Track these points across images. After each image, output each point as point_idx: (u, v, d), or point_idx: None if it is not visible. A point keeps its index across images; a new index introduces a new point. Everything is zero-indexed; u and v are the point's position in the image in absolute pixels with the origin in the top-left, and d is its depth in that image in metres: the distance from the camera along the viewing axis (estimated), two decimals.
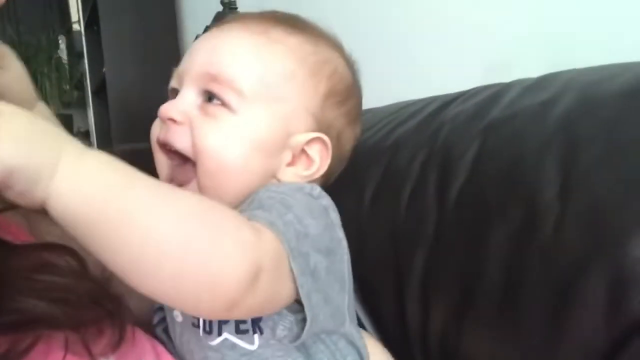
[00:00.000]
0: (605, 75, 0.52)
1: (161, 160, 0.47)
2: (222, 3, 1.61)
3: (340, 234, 0.44)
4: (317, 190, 0.44)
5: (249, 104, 0.44)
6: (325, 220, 0.43)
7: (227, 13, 1.60)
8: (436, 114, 0.66)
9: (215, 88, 0.44)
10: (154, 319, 0.50)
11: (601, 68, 0.54)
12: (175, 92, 0.47)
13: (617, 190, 0.44)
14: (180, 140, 0.44)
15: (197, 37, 0.63)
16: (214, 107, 0.44)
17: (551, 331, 0.46)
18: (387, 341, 0.63)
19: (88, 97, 3.61)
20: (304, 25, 0.50)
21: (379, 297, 0.64)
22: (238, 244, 0.33)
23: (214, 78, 0.44)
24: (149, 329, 0.50)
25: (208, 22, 1.50)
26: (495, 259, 0.50)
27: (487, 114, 0.58)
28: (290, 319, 0.41)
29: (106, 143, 2.98)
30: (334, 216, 0.44)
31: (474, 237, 0.53)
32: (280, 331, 0.41)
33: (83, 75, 3.65)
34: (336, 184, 0.57)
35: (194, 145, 0.44)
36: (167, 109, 0.45)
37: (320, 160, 0.47)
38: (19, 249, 0.44)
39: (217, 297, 0.32)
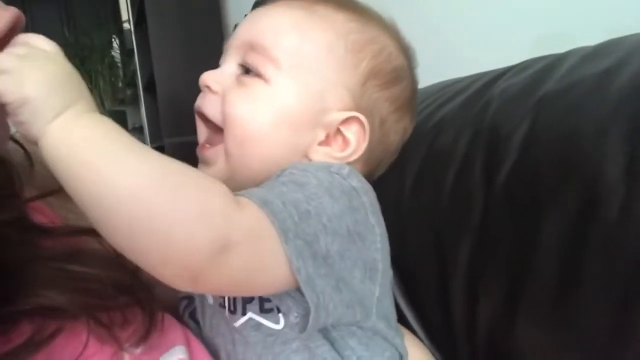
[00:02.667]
0: None
1: (200, 127, 0.48)
2: None
3: (373, 219, 0.41)
4: (346, 169, 0.41)
5: (283, 73, 0.44)
6: (349, 202, 0.39)
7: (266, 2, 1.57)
8: (483, 91, 0.60)
9: (251, 58, 0.45)
10: (180, 307, 0.49)
11: None
12: None
13: None
14: (212, 109, 0.45)
15: None
16: (249, 78, 0.44)
17: (616, 333, 0.40)
18: (431, 337, 0.58)
19: (140, 93, 3.71)
20: (357, 7, 0.48)
21: (422, 289, 0.60)
22: (205, 212, 0.32)
23: (251, 47, 0.45)
24: (178, 316, 0.49)
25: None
26: (549, 249, 0.45)
27: (539, 88, 0.52)
28: (305, 306, 0.37)
29: (157, 137, 3.05)
30: (366, 200, 0.41)
31: (526, 225, 0.48)
32: (294, 318, 0.39)
33: (134, 72, 3.75)
34: None
35: (222, 112, 0.44)
36: (205, 77, 0.46)
37: (356, 142, 0.45)
38: (53, 231, 0.45)
39: (179, 263, 0.31)
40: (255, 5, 1.59)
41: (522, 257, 0.48)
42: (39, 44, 0.36)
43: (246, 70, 0.45)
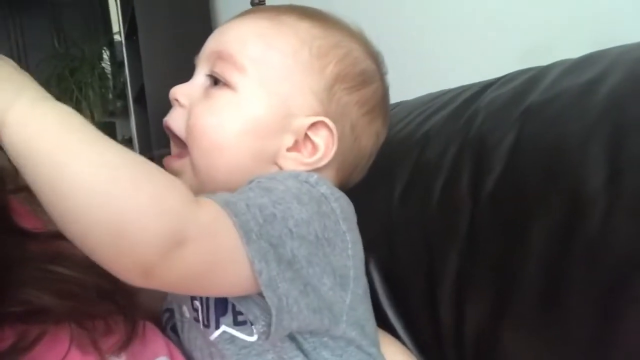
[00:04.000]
0: None
1: (171, 141, 0.48)
2: (252, 4, 1.61)
3: (344, 226, 0.41)
4: (314, 177, 0.42)
5: (250, 81, 0.44)
6: (318, 207, 0.39)
7: None
8: (469, 102, 0.61)
9: (218, 66, 0.45)
10: (162, 320, 0.49)
11: None
12: None
13: None
14: (177, 122, 0.45)
15: None
16: (216, 90, 0.45)
17: (600, 337, 0.40)
18: (419, 346, 0.58)
19: (130, 105, 3.70)
20: (322, 16, 0.48)
21: (410, 296, 0.60)
22: (159, 206, 0.31)
23: (219, 56, 0.45)
24: (161, 327, 0.49)
25: None
26: (535, 256, 0.45)
27: (524, 99, 0.53)
28: (269, 315, 0.37)
29: (147, 149, 3.04)
30: (337, 206, 0.41)
31: (512, 233, 0.48)
32: (261, 327, 0.39)
33: (125, 84, 3.74)
34: (365, 180, 0.54)
35: (187, 125, 0.44)
36: (174, 91, 0.46)
37: (325, 147, 0.44)
38: (37, 236, 0.44)
39: (131, 257, 0.31)
40: None
41: (508, 266, 0.48)
42: None
43: (215, 81, 0.45)
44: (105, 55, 4.21)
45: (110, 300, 0.42)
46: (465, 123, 0.58)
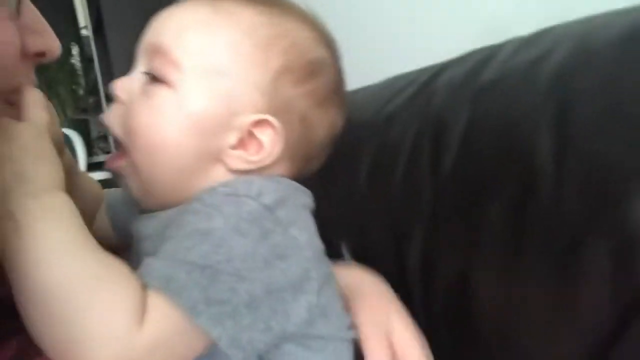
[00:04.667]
0: (601, 23, 0.48)
1: (111, 139, 0.48)
2: None
3: (294, 231, 0.39)
4: (255, 188, 0.39)
5: (187, 77, 0.41)
6: (260, 229, 0.38)
7: None
8: (428, 84, 0.62)
9: (156, 63, 0.42)
10: None
11: (596, 17, 0.50)
12: None
13: (617, 148, 0.41)
14: (115, 121, 0.43)
15: None
16: (154, 87, 0.42)
17: (555, 310, 0.42)
18: None
19: (102, 102, 3.64)
20: (267, 1, 0.45)
21: (381, 274, 0.62)
22: (106, 336, 0.33)
23: (155, 50, 0.43)
24: None
25: None
26: (493, 232, 0.47)
27: (478, 78, 0.54)
28: None
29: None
30: (282, 214, 0.39)
31: (471, 210, 0.50)
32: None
33: (96, 80, 3.68)
34: (330, 164, 0.55)
35: (125, 125, 0.42)
36: (115, 84, 0.44)
37: (271, 145, 0.42)
38: None
39: None
40: None
41: (470, 241, 0.50)
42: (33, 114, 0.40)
43: (153, 76, 0.43)
44: (74, 51, 4.13)
45: None
46: (424, 105, 0.60)
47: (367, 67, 0.54)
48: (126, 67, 0.50)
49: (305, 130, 0.45)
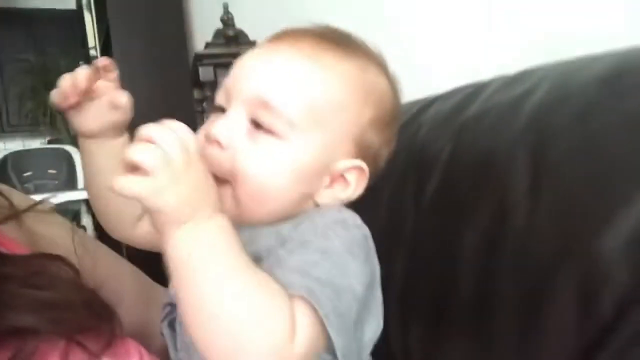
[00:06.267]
0: (580, 64, 0.50)
1: None
2: (221, 20, 1.64)
3: (376, 259, 0.45)
4: (359, 219, 0.46)
5: (297, 132, 0.44)
6: (366, 255, 0.44)
7: (227, 29, 1.62)
8: (416, 116, 0.65)
9: (265, 116, 0.44)
10: (161, 314, 0.51)
11: (577, 59, 0.52)
12: (219, 110, 0.47)
13: (588, 183, 0.42)
14: (220, 166, 0.44)
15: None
16: (262, 135, 0.44)
17: (523, 337, 0.44)
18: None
19: None
20: (354, 47, 0.49)
21: None
22: (269, 346, 0.36)
23: (264, 105, 0.44)
24: (138, 340, 0.51)
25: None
26: (467, 262, 0.49)
27: (462, 113, 0.57)
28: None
29: None
30: (371, 242, 0.45)
31: (448, 239, 0.52)
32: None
33: None
34: None
35: (233, 168, 0.44)
36: (216, 130, 0.44)
37: (356, 183, 0.48)
38: (13, 258, 0.47)
39: None
40: (216, 35, 1.62)
41: (446, 271, 0.52)
42: (184, 139, 0.37)
43: (256, 124, 0.44)
44: None
45: (89, 310, 0.46)
46: (412, 136, 0.62)
47: None
48: (130, 88, 0.52)
49: (375, 164, 0.50)
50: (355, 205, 0.68)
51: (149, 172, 0.35)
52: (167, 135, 0.37)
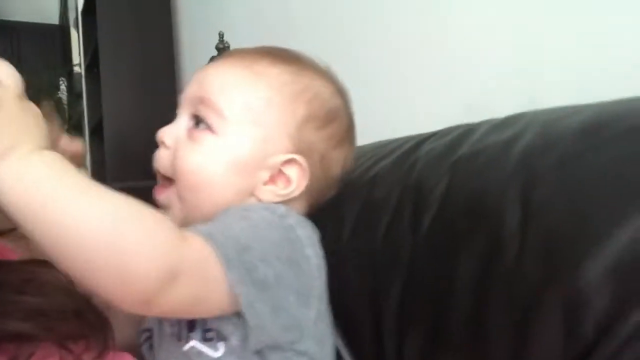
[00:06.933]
0: (563, 114, 0.56)
1: (157, 175, 0.53)
2: (217, 48, 1.68)
3: (309, 251, 0.47)
4: (281, 210, 0.48)
5: (230, 127, 0.49)
6: (286, 234, 0.46)
7: None
8: (411, 151, 0.69)
9: (202, 111, 0.50)
10: (140, 339, 0.53)
11: (561, 108, 0.58)
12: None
13: (572, 220, 0.47)
14: (163, 162, 0.50)
15: None
16: (199, 132, 0.49)
17: (514, 357, 0.48)
18: None
19: (86, 137, 3.67)
20: (290, 58, 0.54)
21: (358, 328, 0.66)
22: (151, 245, 0.36)
23: (201, 101, 0.50)
24: (130, 350, 0.52)
25: None
26: (463, 285, 0.53)
27: (456, 151, 0.61)
28: (243, 331, 0.42)
29: (102, 182, 3.01)
30: (302, 233, 0.47)
31: (444, 266, 0.56)
32: (235, 341, 0.44)
33: (81, 116, 3.71)
34: (319, 216, 0.61)
35: (173, 165, 0.49)
36: (162, 132, 0.51)
37: (297, 179, 0.51)
38: (6, 265, 0.47)
39: (129, 291, 0.35)
40: (212, 60, 1.67)
41: (442, 291, 0.56)
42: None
43: (197, 122, 0.50)
44: (63, 85, 4.18)
45: (81, 318, 0.45)
46: (407, 170, 0.66)
47: (362, 129, 0.62)
48: (114, 106, 0.59)
49: (324, 167, 0.54)
50: (352, 237, 0.73)
51: None
52: None
